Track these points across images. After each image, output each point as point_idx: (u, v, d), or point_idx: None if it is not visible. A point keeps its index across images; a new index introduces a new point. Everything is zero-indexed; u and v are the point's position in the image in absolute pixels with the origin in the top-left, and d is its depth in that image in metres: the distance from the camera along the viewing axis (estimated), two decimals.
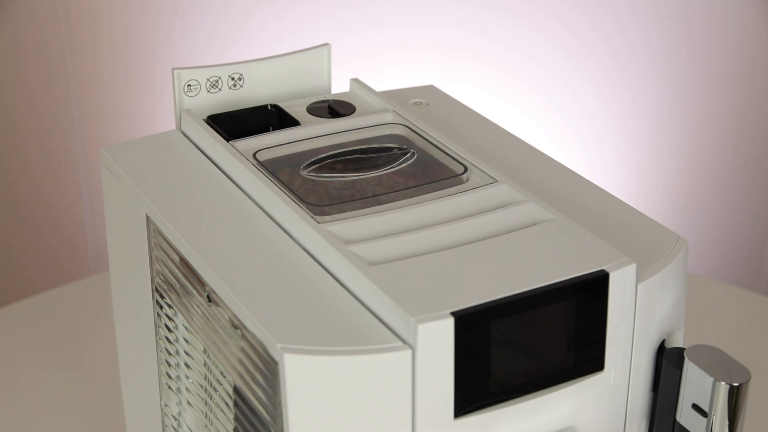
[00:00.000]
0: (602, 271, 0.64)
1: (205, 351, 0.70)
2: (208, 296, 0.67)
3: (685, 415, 0.66)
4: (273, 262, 0.67)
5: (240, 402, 0.66)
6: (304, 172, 0.75)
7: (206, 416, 0.72)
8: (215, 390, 0.69)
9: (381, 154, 0.78)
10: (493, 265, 0.64)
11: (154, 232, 0.73)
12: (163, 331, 0.75)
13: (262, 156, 0.76)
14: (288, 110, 0.84)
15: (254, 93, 0.85)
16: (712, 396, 0.64)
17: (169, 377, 0.76)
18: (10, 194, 1.73)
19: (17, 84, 1.66)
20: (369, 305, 0.62)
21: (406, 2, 1.65)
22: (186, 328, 0.72)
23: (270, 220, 0.71)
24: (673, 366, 0.66)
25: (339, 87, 0.89)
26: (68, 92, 1.66)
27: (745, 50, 1.69)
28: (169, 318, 0.74)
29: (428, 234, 0.67)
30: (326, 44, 0.87)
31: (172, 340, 0.74)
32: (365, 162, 0.77)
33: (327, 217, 0.68)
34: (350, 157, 0.77)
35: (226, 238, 0.69)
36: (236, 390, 0.66)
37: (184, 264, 0.69)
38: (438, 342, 0.59)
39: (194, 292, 0.69)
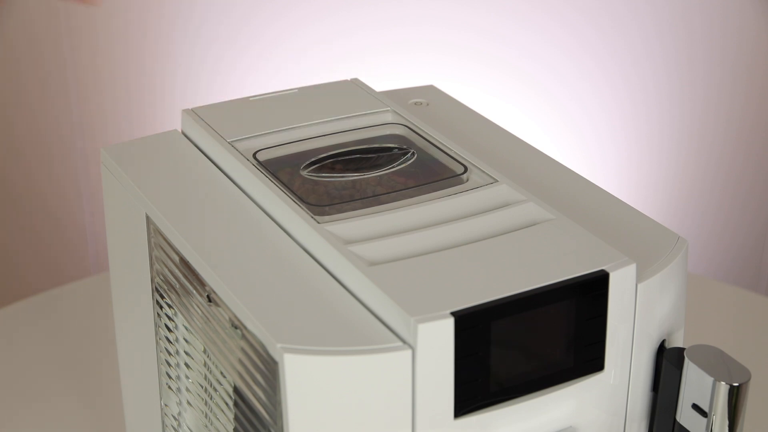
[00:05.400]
0: (602, 271, 0.64)
1: (205, 351, 0.70)
2: (208, 296, 0.67)
3: (685, 415, 0.66)
4: (273, 262, 0.67)
5: (240, 402, 0.66)
6: (304, 172, 0.75)
7: (206, 416, 0.71)
8: (215, 390, 0.69)
9: (381, 154, 0.78)
10: (493, 265, 0.64)
11: (154, 232, 0.73)
12: (163, 331, 0.75)
13: (262, 156, 0.76)
14: None
15: None
16: (712, 396, 0.64)
17: (169, 377, 0.76)
18: (10, 194, 1.73)
19: (16, 84, 1.66)
20: (369, 305, 0.62)
21: (406, 2, 1.65)
22: (186, 328, 0.72)
23: (270, 220, 0.71)
24: (673, 366, 0.66)
25: None
26: (68, 92, 1.66)
27: (745, 50, 1.69)
28: (169, 318, 0.74)
29: (428, 234, 0.67)
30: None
31: (172, 340, 0.74)
32: (365, 162, 0.77)
33: (327, 217, 0.68)
34: (350, 157, 0.77)
35: (226, 238, 0.69)
36: (236, 390, 0.66)
37: (184, 264, 0.69)
38: (438, 342, 0.59)
39: (194, 292, 0.69)
